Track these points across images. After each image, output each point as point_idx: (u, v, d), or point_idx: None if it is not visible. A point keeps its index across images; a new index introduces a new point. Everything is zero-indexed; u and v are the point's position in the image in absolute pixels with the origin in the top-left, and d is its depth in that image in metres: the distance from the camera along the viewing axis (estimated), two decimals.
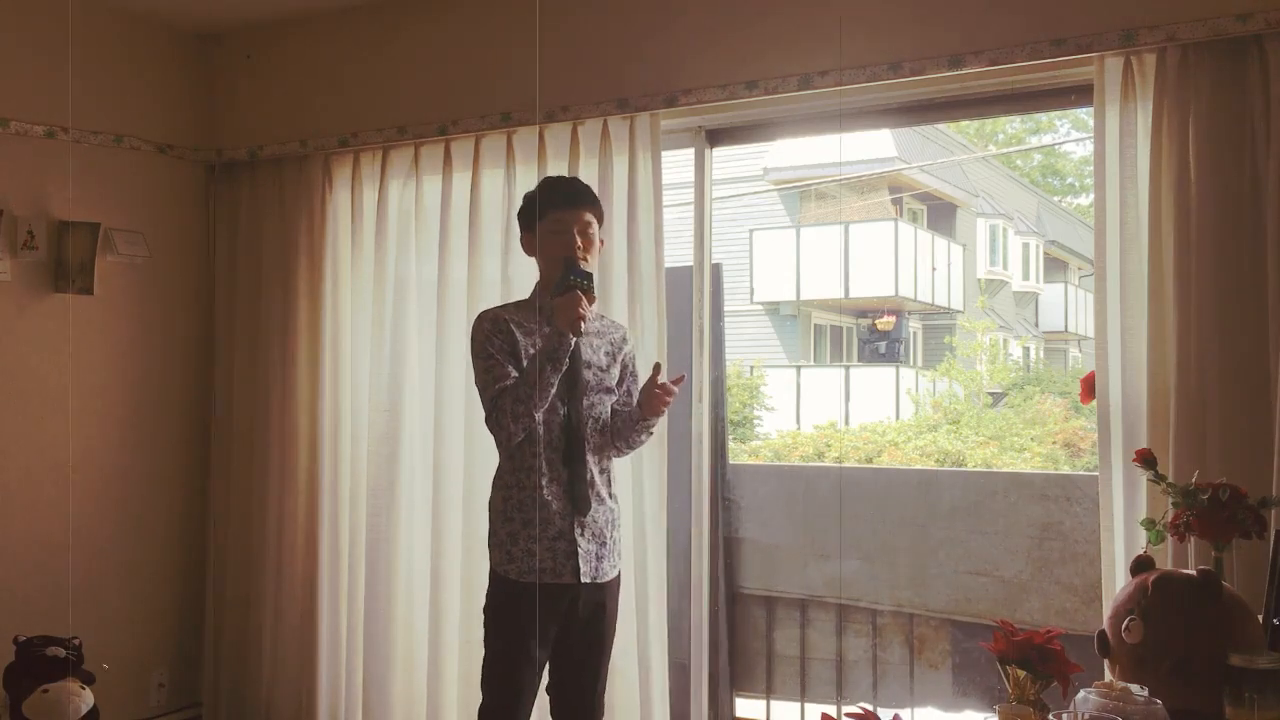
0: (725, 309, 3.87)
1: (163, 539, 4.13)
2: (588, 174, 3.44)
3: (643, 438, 2.83)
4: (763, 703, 4.21)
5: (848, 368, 13.63)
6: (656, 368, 2.76)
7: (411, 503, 3.71)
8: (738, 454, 9.54)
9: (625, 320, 3.36)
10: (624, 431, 2.80)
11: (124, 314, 4.00)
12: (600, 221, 2.84)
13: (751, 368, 12.13)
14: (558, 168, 3.47)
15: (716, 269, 3.61)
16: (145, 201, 4.06)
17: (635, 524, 3.34)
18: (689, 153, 3.52)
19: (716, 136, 3.51)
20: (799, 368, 13.36)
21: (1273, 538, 2.20)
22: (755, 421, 11.37)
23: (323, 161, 3.96)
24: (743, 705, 4.11)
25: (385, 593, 3.72)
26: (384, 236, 3.81)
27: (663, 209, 3.37)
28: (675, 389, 2.73)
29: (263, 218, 4.09)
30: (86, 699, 3.36)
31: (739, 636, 4.19)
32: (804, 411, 12.25)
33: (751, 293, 13.44)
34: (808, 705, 4.18)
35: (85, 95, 3.88)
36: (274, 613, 3.96)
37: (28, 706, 3.28)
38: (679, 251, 3.63)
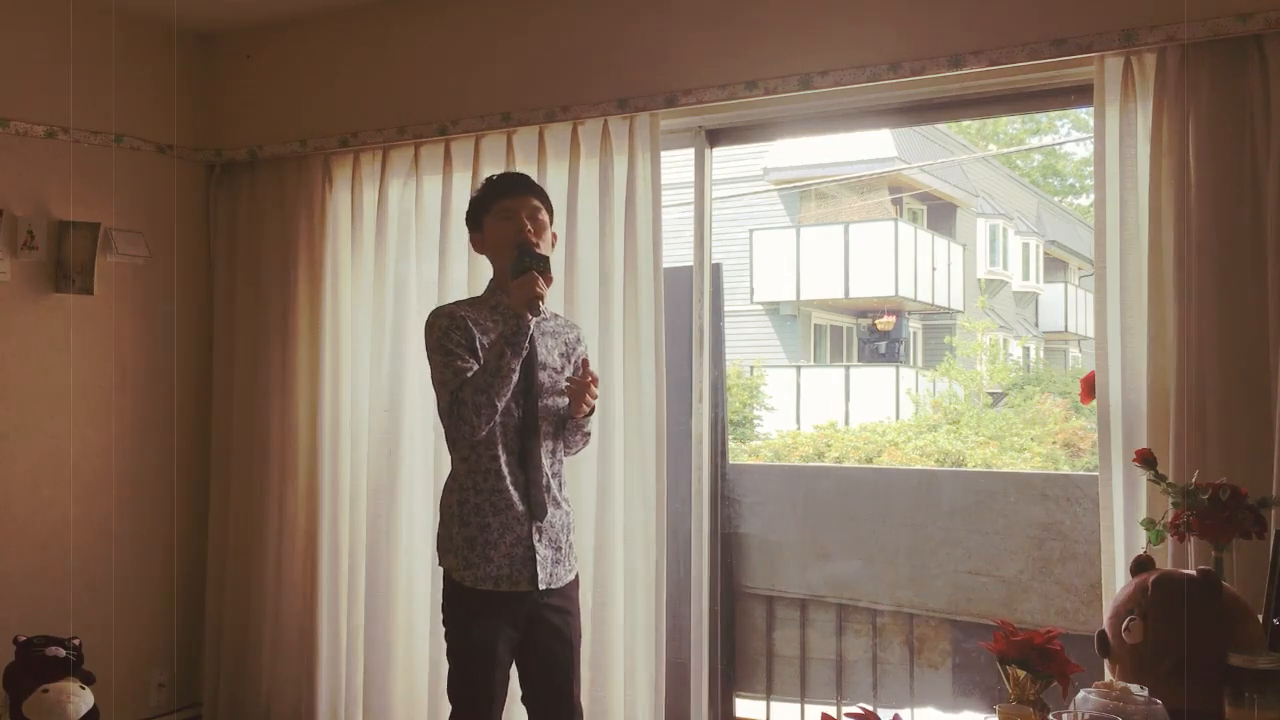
0: (725, 309, 3.87)
1: (163, 539, 4.12)
2: (588, 174, 3.45)
3: (576, 438, 2.77)
4: (763, 703, 4.21)
5: (848, 368, 13.63)
6: (584, 363, 2.70)
7: (411, 503, 3.71)
8: (738, 454, 9.55)
9: (622, 320, 3.36)
10: (564, 433, 2.75)
11: (124, 314, 4.00)
12: (550, 213, 2.77)
13: (751, 368, 12.13)
14: (558, 168, 3.48)
15: (716, 269, 3.61)
16: (145, 201, 4.06)
17: (626, 523, 3.34)
18: (689, 153, 3.52)
19: (716, 136, 3.50)
20: (799, 368, 13.37)
21: (1273, 538, 2.20)
22: (755, 421, 11.38)
23: (323, 161, 3.96)
24: (743, 705, 4.11)
25: (385, 593, 3.72)
26: (384, 236, 3.81)
27: (662, 209, 3.37)
28: (593, 386, 2.64)
29: (263, 218, 4.09)
30: (86, 699, 3.36)
31: (739, 636, 4.19)
32: (804, 411, 12.26)
33: (751, 293, 13.45)
34: (808, 705, 4.18)
35: (85, 95, 3.88)
36: (274, 613, 3.96)
37: (28, 706, 3.28)
38: (679, 251, 3.63)
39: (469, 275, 3.58)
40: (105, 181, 3.93)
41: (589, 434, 2.82)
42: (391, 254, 3.81)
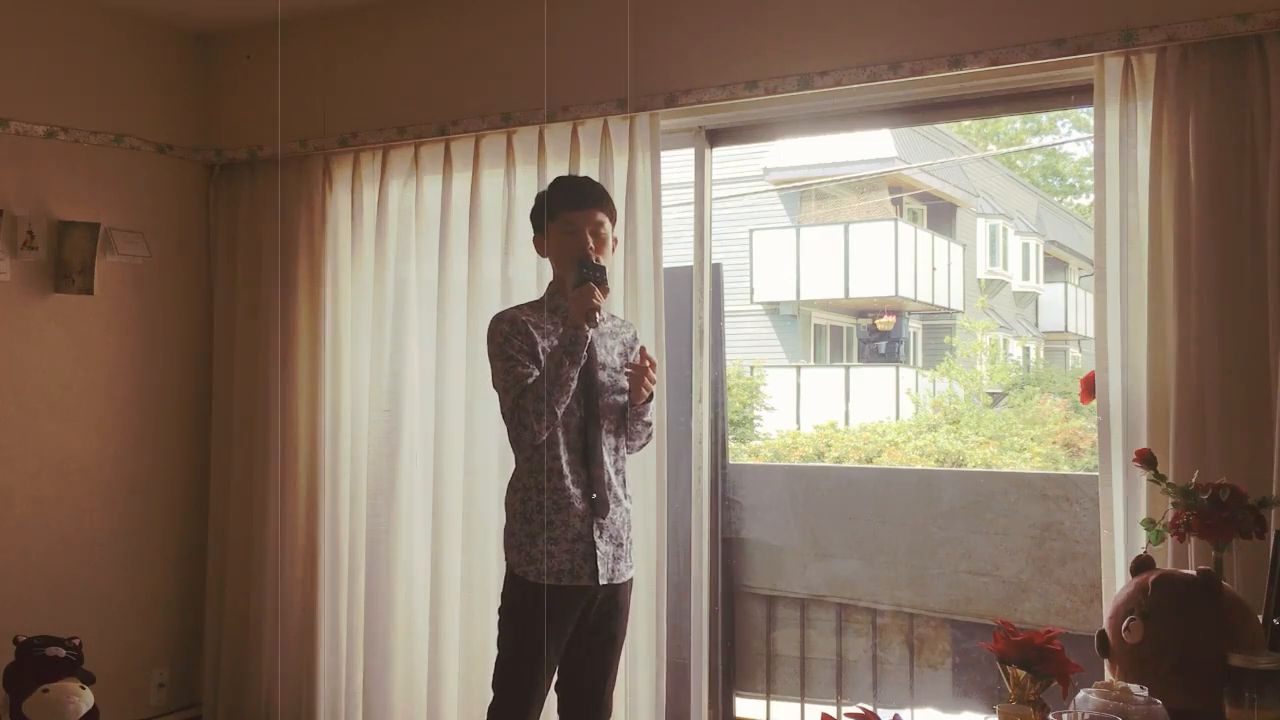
0: (725, 309, 3.87)
1: (163, 539, 4.13)
2: (588, 174, 3.44)
3: (638, 427, 2.83)
4: (763, 702, 4.21)
5: (848, 368, 13.62)
6: (641, 351, 2.75)
7: (411, 503, 3.71)
8: (738, 454, 9.55)
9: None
10: (626, 425, 2.81)
11: (124, 314, 4.00)
12: (613, 221, 2.84)
13: (751, 368, 12.12)
14: (557, 168, 3.47)
15: (716, 269, 3.61)
16: (145, 201, 4.06)
17: None
18: (689, 153, 3.52)
19: (716, 136, 3.50)
20: (799, 368, 13.35)
21: (1273, 538, 2.20)
22: (755, 421, 11.36)
23: (323, 161, 3.96)
24: (743, 705, 4.11)
25: (385, 593, 3.72)
26: (384, 236, 3.81)
27: (662, 209, 3.37)
28: (651, 370, 2.71)
29: (263, 218, 4.09)
30: (86, 699, 3.36)
31: (739, 636, 4.19)
32: (804, 411, 12.24)
33: (751, 293, 13.43)
34: (808, 705, 4.18)
35: (85, 95, 3.88)
36: (274, 612, 3.96)
37: (28, 706, 3.28)
38: (679, 251, 3.63)
39: (469, 275, 3.59)
40: (105, 181, 3.93)
41: (650, 423, 2.87)
42: (391, 254, 3.81)
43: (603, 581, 2.70)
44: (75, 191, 3.83)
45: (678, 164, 3.60)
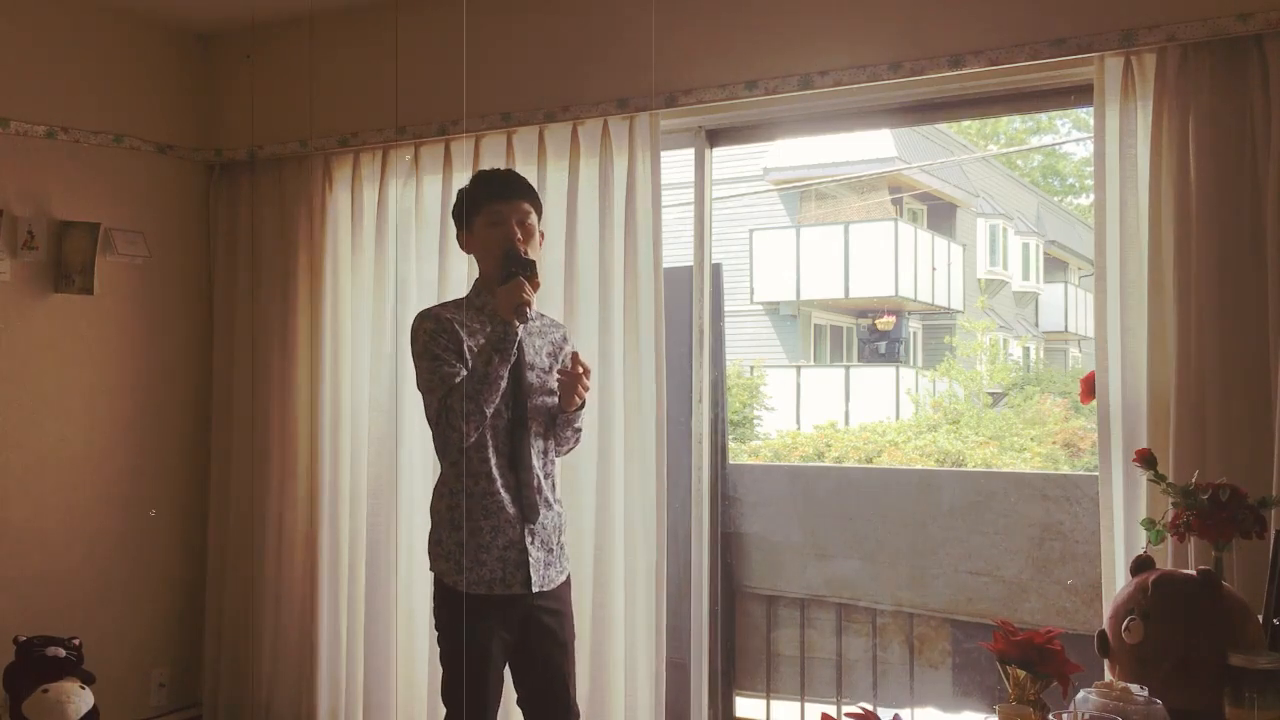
0: (725, 309, 3.87)
1: (163, 539, 4.13)
2: (588, 174, 3.45)
3: (567, 433, 2.76)
4: (763, 702, 4.21)
5: (848, 368, 13.62)
6: (573, 358, 2.69)
7: (411, 503, 3.71)
8: (738, 454, 9.54)
9: (622, 320, 3.36)
10: (555, 430, 2.74)
11: (124, 314, 4.00)
12: (539, 214, 2.77)
13: (751, 368, 12.12)
14: (558, 168, 3.48)
15: (716, 269, 3.61)
16: (145, 201, 4.06)
17: (626, 523, 3.34)
18: (689, 153, 3.52)
19: (716, 136, 3.50)
20: (799, 368, 13.35)
21: (1273, 538, 2.20)
22: (755, 421, 11.36)
23: (323, 161, 3.96)
24: (743, 704, 4.11)
25: (385, 593, 3.72)
26: (384, 236, 3.82)
27: (662, 209, 3.37)
28: (585, 377, 2.64)
29: (263, 218, 4.09)
30: (86, 699, 3.36)
31: (739, 635, 4.19)
32: (804, 411, 12.24)
33: (751, 293, 13.42)
34: (808, 705, 4.18)
35: (85, 95, 3.88)
36: (274, 613, 3.96)
37: (28, 706, 3.29)
38: (679, 251, 3.63)
39: (469, 275, 3.58)
40: (105, 181, 3.93)
41: (580, 430, 2.81)
42: (391, 254, 3.81)
43: (535, 589, 2.63)
44: (75, 191, 3.83)
45: (678, 164, 3.60)
